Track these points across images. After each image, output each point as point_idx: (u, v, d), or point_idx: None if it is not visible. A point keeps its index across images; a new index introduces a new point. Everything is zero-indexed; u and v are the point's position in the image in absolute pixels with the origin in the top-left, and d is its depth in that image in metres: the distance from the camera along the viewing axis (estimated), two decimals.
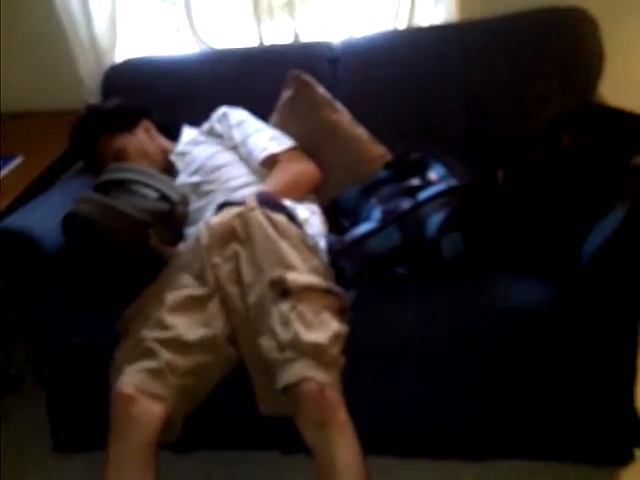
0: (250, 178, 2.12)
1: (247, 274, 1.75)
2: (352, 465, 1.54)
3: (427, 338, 1.80)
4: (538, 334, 1.76)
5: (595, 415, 1.84)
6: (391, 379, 1.85)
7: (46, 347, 1.81)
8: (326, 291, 1.72)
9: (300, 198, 2.06)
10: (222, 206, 1.91)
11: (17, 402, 2.44)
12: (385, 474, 1.89)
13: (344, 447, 1.54)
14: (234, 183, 2.10)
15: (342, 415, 1.57)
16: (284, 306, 1.65)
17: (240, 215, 1.83)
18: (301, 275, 1.71)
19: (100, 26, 2.57)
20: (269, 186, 2.01)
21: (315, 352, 1.58)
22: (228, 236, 1.82)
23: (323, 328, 1.63)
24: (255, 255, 1.76)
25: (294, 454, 1.67)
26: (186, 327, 1.73)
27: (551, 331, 1.76)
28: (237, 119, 2.24)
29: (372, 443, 1.60)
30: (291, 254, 1.75)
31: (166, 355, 1.68)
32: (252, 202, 1.86)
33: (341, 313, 1.73)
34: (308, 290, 1.68)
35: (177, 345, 1.70)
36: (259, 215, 1.81)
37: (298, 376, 1.56)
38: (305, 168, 2.13)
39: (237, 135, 2.20)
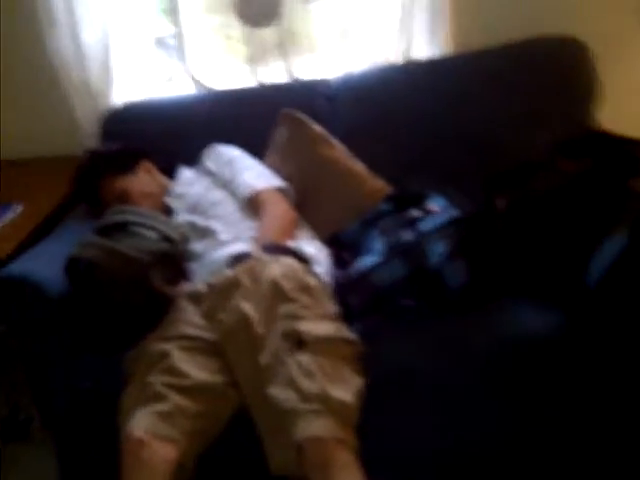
0: (244, 214, 2.12)
1: (258, 327, 1.71)
2: None
3: (434, 369, 1.79)
4: (547, 360, 1.75)
5: (608, 440, 1.82)
6: (398, 411, 1.83)
7: (53, 393, 1.79)
8: (342, 340, 1.71)
9: (296, 237, 2.06)
10: (235, 261, 1.89)
11: (25, 448, 2.42)
12: None
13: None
14: (229, 218, 2.10)
15: (345, 455, 1.54)
16: (303, 358, 1.61)
17: (247, 268, 1.82)
18: (315, 325, 1.69)
19: (94, 71, 2.59)
20: (268, 231, 2.00)
21: (342, 410, 1.56)
22: (231, 289, 1.81)
23: (346, 385, 1.61)
24: (264, 307, 1.73)
25: None
26: (195, 373, 1.72)
27: (561, 357, 1.75)
28: (228, 156, 2.25)
29: (379, 476, 1.58)
30: (301, 302, 1.73)
31: (176, 398, 1.66)
32: (258, 251, 1.87)
33: (357, 360, 1.71)
34: (325, 341, 1.66)
35: (186, 389, 1.69)
36: (267, 263, 1.81)
37: (325, 432, 1.52)
38: (287, 210, 2.12)
39: (227, 172, 2.21)
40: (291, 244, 1.96)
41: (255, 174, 2.19)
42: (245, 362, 1.72)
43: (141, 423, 1.64)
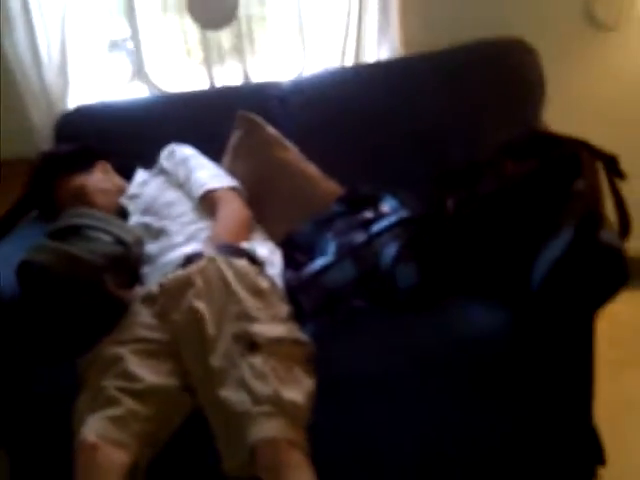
0: (197, 214, 2.12)
1: (209, 328, 1.71)
2: None
3: (385, 370, 1.80)
4: (495, 359, 1.78)
5: (556, 437, 1.86)
6: (351, 411, 1.84)
7: (6, 398, 1.78)
8: (294, 341, 1.72)
9: (249, 238, 2.07)
10: (186, 261, 1.89)
11: None
12: None
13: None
14: (183, 219, 2.10)
15: (296, 456, 1.55)
16: (256, 360, 1.62)
17: (199, 268, 1.82)
18: (267, 327, 1.70)
19: (50, 74, 2.58)
20: (221, 231, 2.00)
21: (293, 411, 1.57)
22: (184, 289, 1.81)
23: (298, 386, 1.63)
24: (216, 308, 1.74)
25: None
26: (149, 376, 1.72)
27: (508, 355, 1.77)
28: (182, 156, 2.25)
29: (334, 477, 1.60)
30: (253, 304, 1.74)
31: (129, 402, 1.67)
32: (211, 252, 1.87)
33: (308, 361, 1.72)
34: (277, 343, 1.68)
35: (139, 393, 1.69)
36: (220, 264, 1.81)
37: (275, 433, 1.54)
38: (240, 209, 2.12)
39: (181, 172, 2.21)
40: (245, 245, 1.97)
41: (209, 174, 2.19)
42: (197, 363, 1.72)
43: (93, 427, 1.64)
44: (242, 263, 1.84)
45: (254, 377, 1.60)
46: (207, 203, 2.13)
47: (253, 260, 1.90)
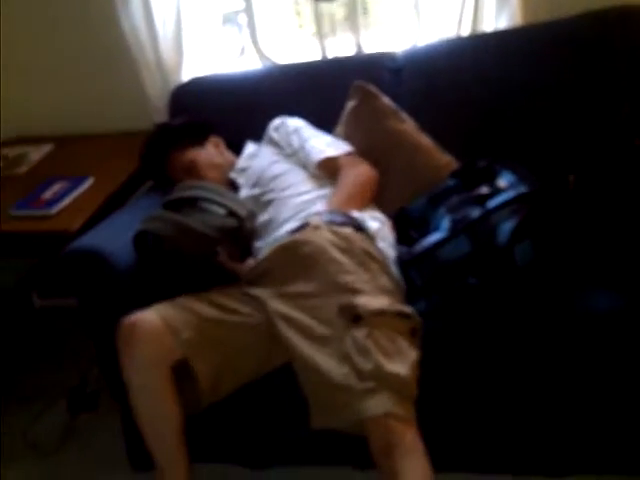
0: (309, 185, 2.10)
1: (313, 300, 1.72)
2: None
3: (496, 347, 1.77)
4: (609, 342, 1.71)
5: None
6: (464, 393, 1.81)
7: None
8: (398, 314, 1.69)
9: (366, 206, 2.04)
10: (295, 231, 1.89)
11: (93, 420, 2.49)
12: None
13: (411, 472, 1.51)
14: (292, 191, 2.09)
15: (409, 437, 1.54)
16: (359, 333, 1.61)
17: (304, 238, 1.82)
18: (371, 299, 1.68)
19: (166, 46, 2.61)
20: (336, 199, 2.00)
21: (398, 385, 1.56)
22: (288, 258, 1.81)
23: (402, 358, 1.60)
24: (320, 280, 1.73)
25: (368, 470, 1.64)
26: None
27: (620, 336, 1.70)
28: (294, 126, 2.25)
29: (446, 459, 1.57)
30: (357, 275, 1.73)
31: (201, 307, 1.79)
32: (318, 221, 1.86)
33: (413, 334, 1.69)
34: (380, 315, 1.65)
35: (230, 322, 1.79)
36: (324, 234, 1.80)
37: (382, 410, 1.53)
38: (365, 172, 2.10)
39: (295, 141, 2.20)
40: (356, 214, 1.94)
41: (324, 141, 2.18)
42: (299, 326, 1.71)
43: (159, 309, 1.76)
44: (347, 231, 1.82)
45: (357, 352, 1.59)
46: (326, 171, 2.11)
47: (360, 229, 1.87)
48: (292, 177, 2.14)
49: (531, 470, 1.91)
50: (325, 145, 2.16)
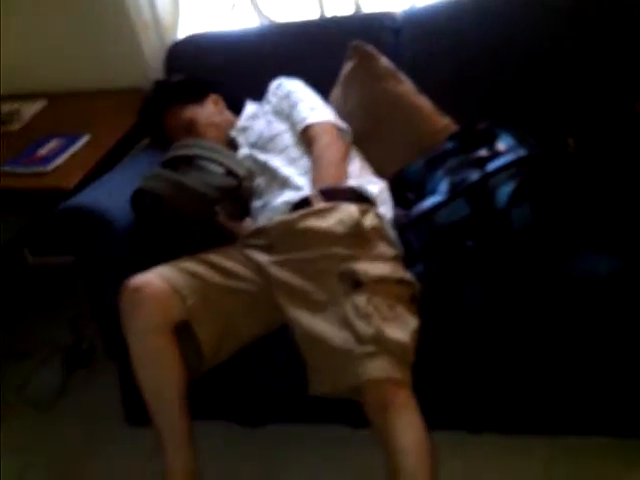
0: (300, 149, 2.07)
1: (313, 266, 1.73)
2: (413, 444, 1.51)
3: (495, 310, 1.78)
4: (605, 305, 1.72)
5: None
6: (460, 354, 1.83)
7: (117, 322, 1.84)
8: (399, 281, 1.70)
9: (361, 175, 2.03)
10: (295, 207, 1.87)
11: (88, 376, 2.50)
12: (454, 449, 1.89)
13: (405, 427, 1.52)
14: (286, 154, 2.07)
15: (402, 395, 1.56)
16: (360, 299, 1.62)
17: (304, 214, 1.81)
18: (371, 265, 1.69)
19: (162, 3, 2.58)
20: (320, 175, 1.94)
21: (398, 350, 1.57)
22: (289, 234, 1.81)
23: (402, 325, 1.62)
24: (321, 249, 1.74)
25: (365, 428, 1.66)
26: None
27: (618, 300, 1.72)
28: (287, 89, 2.22)
29: (441, 419, 1.59)
30: (357, 245, 1.73)
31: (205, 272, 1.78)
32: (317, 199, 1.84)
33: (412, 301, 1.71)
34: (381, 282, 1.66)
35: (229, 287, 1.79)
36: (326, 213, 1.79)
37: (381, 374, 1.54)
38: (331, 144, 2.03)
39: (285, 106, 2.18)
40: (353, 183, 1.93)
41: (309, 106, 2.14)
42: (299, 292, 1.72)
43: (162, 271, 1.76)
44: (347, 208, 1.80)
45: (358, 317, 1.60)
46: (306, 138, 2.08)
47: (362, 198, 1.87)
48: (287, 139, 2.12)
49: (520, 429, 1.95)
50: (309, 110, 2.12)
